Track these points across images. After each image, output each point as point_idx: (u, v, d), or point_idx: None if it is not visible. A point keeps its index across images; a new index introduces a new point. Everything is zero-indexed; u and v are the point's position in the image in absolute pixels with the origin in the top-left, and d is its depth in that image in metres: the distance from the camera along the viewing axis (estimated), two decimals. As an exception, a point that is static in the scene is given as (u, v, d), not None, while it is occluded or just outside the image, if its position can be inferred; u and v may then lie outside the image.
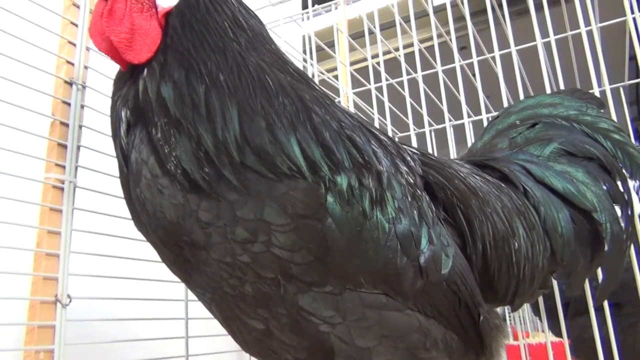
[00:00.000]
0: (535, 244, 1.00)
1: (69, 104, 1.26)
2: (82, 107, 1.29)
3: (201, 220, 0.71)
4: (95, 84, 1.33)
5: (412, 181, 0.84)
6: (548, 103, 1.21)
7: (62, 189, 1.22)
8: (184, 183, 0.71)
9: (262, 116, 0.73)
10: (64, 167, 1.22)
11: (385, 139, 0.87)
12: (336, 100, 2.06)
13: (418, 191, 0.84)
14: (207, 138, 0.71)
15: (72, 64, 1.28)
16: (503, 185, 1.04)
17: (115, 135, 0.79)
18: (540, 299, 1.47)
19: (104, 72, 1.30)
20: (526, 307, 1.97)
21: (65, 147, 1.24)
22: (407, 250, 0.77)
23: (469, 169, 1.03)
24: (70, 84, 1.27)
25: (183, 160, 0.71)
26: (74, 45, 1.29)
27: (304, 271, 0.72)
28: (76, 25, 1.30)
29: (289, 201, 0.70)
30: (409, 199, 0.81)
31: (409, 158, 0.88)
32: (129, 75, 0.79)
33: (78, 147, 1.26)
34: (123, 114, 0.77)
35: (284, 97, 0.76)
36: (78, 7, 1.32)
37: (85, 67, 1.31)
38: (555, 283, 1.37)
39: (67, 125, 1.25)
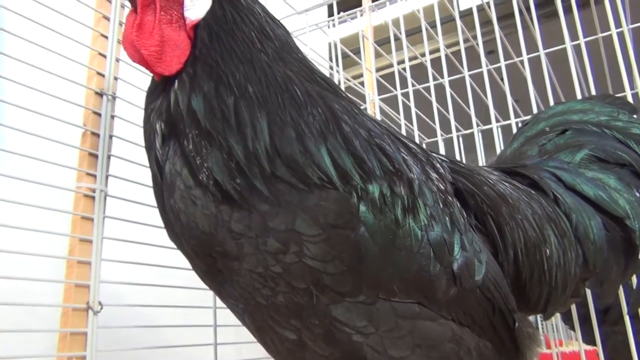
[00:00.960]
0: (567, 251, 0.98)
1: (99, 115, 1.28)
2: (113, 117, 1.31)
3: (233, 231, 0.71)
4: (125, 94, 1.35)
5: (442, 188, 0.83)
6: (578, 109, 1.19)
7: (93, 198, 1.24)
8: (216, 194, 0.71)
9: (291, 126, 0.73)
10: (95, 176, 1.25)
11: (414, 147, 0.87)
12: (362, 107, 2.07)
13: (449, 198, 0.84)
14: (237, 149, 0.71)
15: (103, 75, 1.30)
16: (533, 192, 1.03)
17: (150, 147, 0.80)
18: (573, 307, 1.44)
19: (133, 82, 1.32)
20: (559, 315, 1.93)
21: (96, 156, 1.26)
22: (440, 257, 0.77)
23: (497, 176, 1.02)
24: (100, 94, 1.29)
25: (215, 171, 0.71)
26: (104, 57, 1.32)
27: (337, 281, 0.71)
28: (106, 38, 1.33)
29: (321, 211, 0.70)
30: (441, 206, 0.80)
31: (438, 165, 0.88)
32: (162, 87, 0.79)
33: (108, 157, 1.28)
34: (158, 126, 0.78)
35: (312, 107, 0.76)
36: (108, 19, 1.34)
37: (115, 78, 1.33)
38: (589, 291, 1.34)
39: (97, 135, 1.27)
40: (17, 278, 1.18)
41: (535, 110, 1.48)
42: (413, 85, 1.89)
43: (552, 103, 1.53)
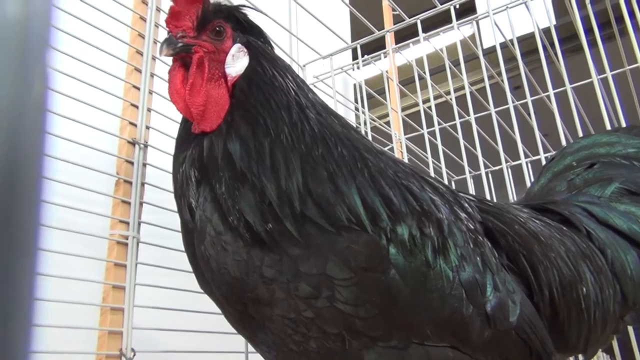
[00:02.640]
0: (604, 289, 0.95)
1: (132, 163, 1.32)
2: (144, 165, 1.34)
3: (265, 276, 0.72)
4: (156, 142, 1.38)
5: (472, 227, 0.83)
6: (604, 142, 1.18)
7: (126, 245, 1.26)
8: (246, 236, 0.72)
9: (323, 166, 0.75)
10: (127, 223, 1.27)
11: (441, 186, 0.86)
12: (389, 147, 2.07)
13: (480, 237, 0.83)
14: (270, 189, 0.72)
15: (135, 125, 1.35)
16: (565, 228, 1.01)
17: (182, 194, 0.81)
18: (616, 348, 1.39)
19: (164, 131, 1.36)
20: (602, 355, 1.86)
21: (128, 203, 1.29)
22: (473, 298, 0.75)
23: (528, 214, 1.00)
24: (133, 143, 1.33)
25: (246, 212, 0.72)
26: (137, 107, 1.36)
27: (369, 325, 0.70)
28: (138, 89, 1.38)
29: (351, 255, 0.70)
30: (471, 246, 0.79)
31: (466, 205, 0.87)
32: (193, 135, 0.82)
33: (141, 204, 1.31)
34: (192, 173, 0.80)
35: (342, 147, 0.78)
36: (140, 71, 1.39)
37: (147, 127, 1.37)
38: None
39: (130, 183, 1.30)
40: (52, 326, 1.20)
41: (564, 144, 1.47)
42: (439, 124, 1.89)
43: (580, 135, 1.51)
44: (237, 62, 0.83)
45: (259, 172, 0.74)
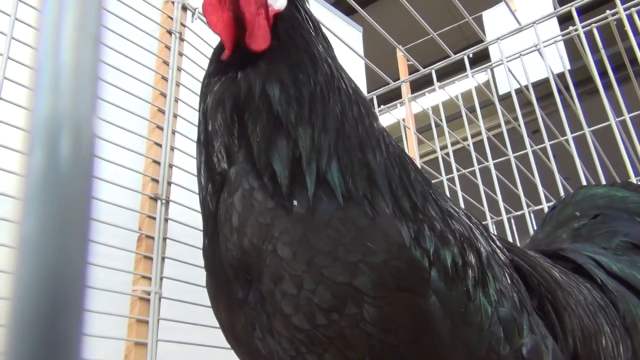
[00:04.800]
0: (619, 342, 0.91)
1: (154, 218, 1.33)
2: (166, 220, 1.36)
3: (278, 254, 0.65)
4: (178, 198, 1.40)
5: (508, 262, 0.79)
6: (603, 194, 1.18)
7: (148, 300, 1.26)
8: (269, 186, 0.68)
9: (354, 133, 0.72)
10: (149, 278, 1.28)
11: (473, 218, 0.84)
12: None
13: (515, 274, 0.79)
14: (304, 139, 0.69)
15: (157, 181, 1.37)
16: (580, 277, 0.98)
17: (211, 140, 0.75)
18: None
19: (185, 186, 1.38)
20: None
21: (151, 259, 1.29)
22: (511, 338, 0.70)
23: (544, 259, 0.98)
24: (155, 199, 1.35)
25: (274, 159, 0.68)
26: (159, 163, 1.39)
27: (398, 355, 0.64)
28: (160, 146, 1.41)
29: (389, 270, 0.64)
30: (509, 282, 0.75)
31: (496, 240, 0.85)
32: (225, 68, 0.77)
33: (163, 259, 1.31)
34: (227, 113, 0.74)
35: (372, 118, 0.76)
36: (161, 129, 1.43)
37: (169, 183, 1.39)
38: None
39: (152, 238, 1.31)
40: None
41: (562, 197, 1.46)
42: (458, 170, 1.89)
43: (602, 178, 1.50)
44: None
45: (296, 121, 0.70)
